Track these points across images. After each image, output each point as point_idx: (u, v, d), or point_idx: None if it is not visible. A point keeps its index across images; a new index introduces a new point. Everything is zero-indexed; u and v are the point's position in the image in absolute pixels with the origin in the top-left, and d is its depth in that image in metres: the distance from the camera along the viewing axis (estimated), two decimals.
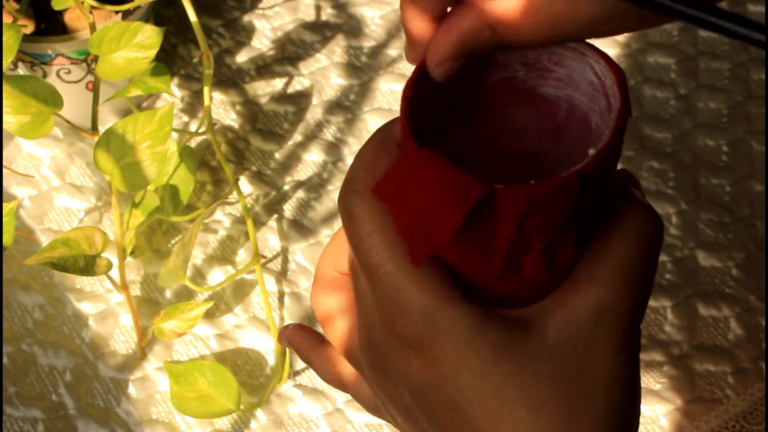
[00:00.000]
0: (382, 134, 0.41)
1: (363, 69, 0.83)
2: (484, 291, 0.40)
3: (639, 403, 0.40)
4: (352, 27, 0.85)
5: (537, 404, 0.38)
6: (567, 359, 0.38)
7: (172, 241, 0.74)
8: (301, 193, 0.77)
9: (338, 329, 0.44)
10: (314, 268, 0.69)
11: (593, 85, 0.40)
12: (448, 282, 0.39)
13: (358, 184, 0.40)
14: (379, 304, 0.39)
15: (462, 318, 0.38)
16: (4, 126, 0.61)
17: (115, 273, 0.68)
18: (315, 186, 0.77)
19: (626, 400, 0.39)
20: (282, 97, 0.81)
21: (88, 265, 0.61)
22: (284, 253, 0.74)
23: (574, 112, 0.42)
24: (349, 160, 0.78)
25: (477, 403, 0.38)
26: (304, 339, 0.49)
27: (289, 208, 0.76)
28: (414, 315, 0.38)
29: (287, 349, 0.68)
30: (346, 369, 0.47)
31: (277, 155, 0.78)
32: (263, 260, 0.73)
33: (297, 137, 0.79)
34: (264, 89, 0.82)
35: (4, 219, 0.59)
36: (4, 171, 0.76)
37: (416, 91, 0.39)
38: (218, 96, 0.81)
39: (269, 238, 0.74)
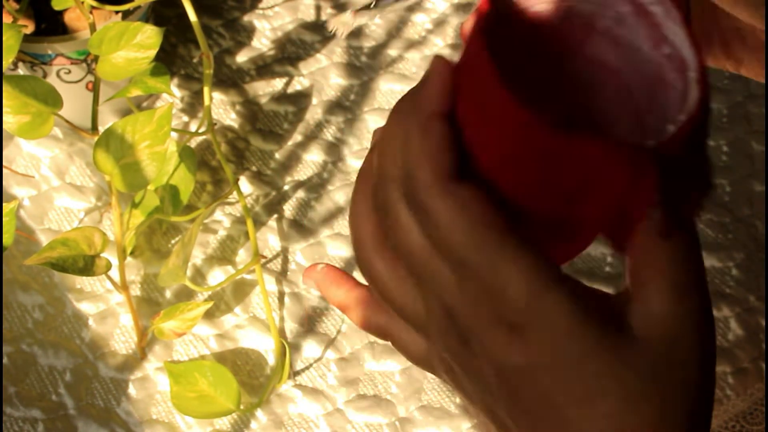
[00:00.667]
0: (416, 120, 0.40)
1: (363, 69, 0.83)
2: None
3: (712, 409, 0.41)
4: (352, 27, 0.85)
5: (631, 398, 0.38)
6: (654, 352, 0.38)
7: (172, 241, 0.74)
8: (301, 193, 0.77)
9: (409, 310, 0.42)
10: None
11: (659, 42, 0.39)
12: (548, 264, 0.38)
13: (423, 183, 0.39)
14: (469, 287, 0.39)
15: (565, 304, 0.38)
16: (4, 126, 0.61)
17: (115, 273, 0.68)
18: (315, 186, 0.77)
19: (706, 405, 0.40)
20: (282, 97, 0.81)
21: (87, 265, 0.61)
22: (284, 253, 0.74)
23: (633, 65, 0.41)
24: (349, 160, 0.78)
25: (569, 391, 0.38)
26: (336, 281, 0.46)
27: (289, 208, 0.76)
28: (516, 296, 0.38)
29: (287, 350, 0.68)
30: (394, 317, 0.45)
31: (277, 155, 0.78)
32: (263, 260, 0.73)
33: (297, 137, 0.79)
34: (264, 89, 0.82)
35: (4, 219, 0.59)
36: (4, 171, 0.76)
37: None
38: (218, 96, 0.81)
39: (269, 238, 0.74)
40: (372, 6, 0.56)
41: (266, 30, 0.85)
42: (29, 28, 0.72)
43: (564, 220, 0.39)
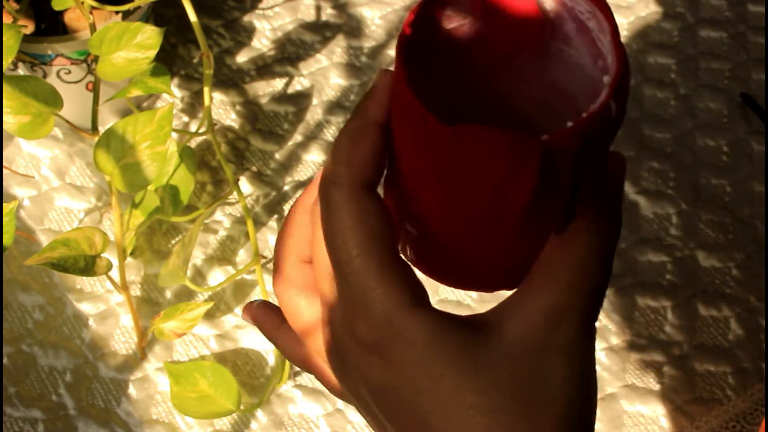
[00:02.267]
0: (354, 123, 0.41)
1: (363, 69, 0.83)
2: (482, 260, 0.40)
3: (595, 407, 0.40)
4: (352, 27, 0.85)
5: (492, 409, 0.38)
6: (523, 363, 0.38)
7: (173, 242, 0.74)
8: (301, 194, 0.77)
9: (305, 323, 0.44)
10: None
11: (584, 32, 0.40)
12: (412, 289, 0.39)
13: (337, 177, 0.40)
14: (343, 302, 0.40)
15: (420, 322, 0.39)
16: (4, 126, 0.61)
17: (115, 273, 0.68)
18: None
19: (581, 403, 0.39)
20: (282, 98, 0.81)
21: (88, 266, 0.61)
22: None
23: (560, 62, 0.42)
24: None
25: (434, 406, 0.38)
26: (269, 318, 0.48)
27: (288, 208, 0.76)
28: (374, 318, 0.39)
29: None
30: (311, 353, 0.46)
31: (277, 155, 0.78)
32: (263, 260, 0.73)
33: (297, 137, 0.79)
34: (264, 89, 0.82)
35: (4, 219, 0.59)
36: (4, 171, 0.76)
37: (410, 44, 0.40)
38: (218, 96, 0.81)
39: (269, 239, 0.74)
40: None
41: (266, 30, 0.85)
42: (29, 28, 0.72)
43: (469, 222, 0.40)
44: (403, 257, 0.41)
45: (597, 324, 0.71)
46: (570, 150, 0.36)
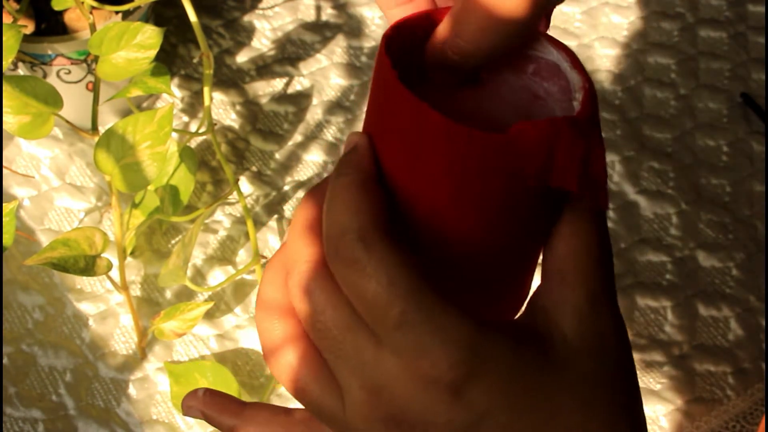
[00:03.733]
0: (346, 180, 0.40)
1: (363, 69, 0.83)
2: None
3: (636, 375, 0.42)
4: (352, 27, 0.85)
5: (583, 405, 0.38)
6: (587, 351, 0.39)
7: (173, 242, 0.74)
8: (301, 194, 0.77)
9: (288, 360, 0.40)
10: None
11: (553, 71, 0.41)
12: (472, 317, 0.38)
13: (358, 231, 0.38)
14: (402, 351, 0.37)
15: (503, 344, 0.38)
16: (4, 126, 0.61)
17: (115, 273, 0.68)
18: None
19: (634, 377, 0.41)
20: (282, 97, 0.81)
21: (88, 266, 0.61)
22: None
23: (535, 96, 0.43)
24: None
25: (530, 419, 0.38)
26: (223, 407, 0.44)
27: (289, 209, 0.76)
28: (458, 350, 0.37)
29: None
30: (293, 427, 0.44)
31: (277, 155, 0.78)
32: (263, 260, 0.73)
33: (297, 137, 0.79)
34: (264, 89, 0.82)
35: (4, 219, 0.59)
36: (4, 171, 0.76)
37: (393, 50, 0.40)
38: (218, 96, 0.81)
39: (269, 239, 0.74)
40: None
41: (266, 30, 0.85)
42: (29, 28, 0.72)
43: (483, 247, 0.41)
44: None
45: None
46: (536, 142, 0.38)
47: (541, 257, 0.42)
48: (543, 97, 0.43)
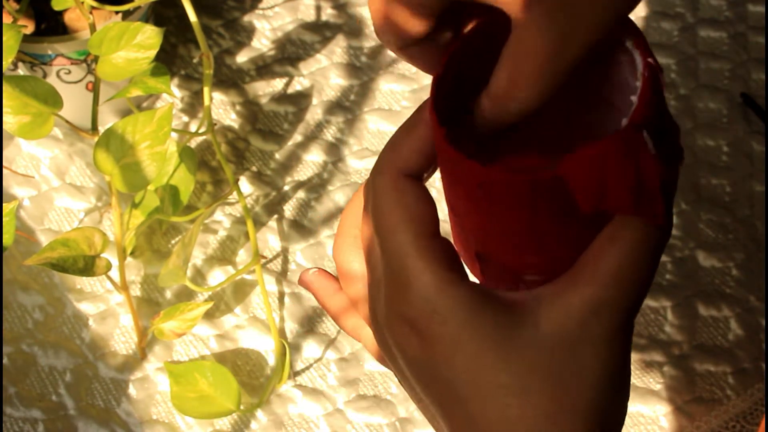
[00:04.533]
0: (410, 118, 0.43)
1: (363, 69, 0.83)
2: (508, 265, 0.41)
3: (626, 400, 0.41)
4: (352, 27, 0.85)
5: (526, 392, 0.39)
6: (558, 351, 0.39)
7: (173, 242, 0.74)
8: (301, 194, 0.77)
9: (358, 290, 0.45)
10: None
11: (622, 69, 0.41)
12: (452, 264, 0.40)
13: (382, 165, 0.42)
14: (386, 278, 0.41)
15: (459, 299, 0.39)
16: (4, 126, 0.61)
17: (115, 273, 0.68)
18: (315, 186, 0.77)
19: (613, 397, 0.40)
20: (282, 97, 0.81)
21: (87, 266, 0.61)
22: (284, 253, 0.74)
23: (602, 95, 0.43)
24: (350, 159, 0.78)
25: (468, 384, 0.39)
26: (323, 285, 0.49)
27: (289, 209, 0.76)
28: (411, 294, 0.40)
29: (287, 350, 0.68)
30: (360, 321, 0.48)
31: (277, 155, 0.78)
32: (263, 260, 0.73)
33: (297, 137, 0.79)
34: (264, 89, 0.82)
35: (4, 219, 0.59)
36: (4, 171, 0.76)
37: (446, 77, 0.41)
38: (218, 96, 0.81)
39: (269, 239, 0.74)
40: None
41: (266, 30, 0.85)
42: (29, 28, 0.72)
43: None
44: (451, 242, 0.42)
45: None
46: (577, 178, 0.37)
47: None
48: (606, 93, 0.42)
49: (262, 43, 0.84)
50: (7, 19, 0.71)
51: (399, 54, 0.43)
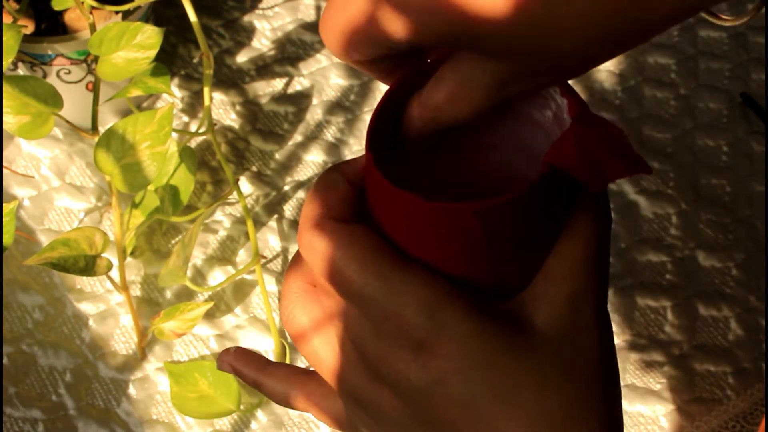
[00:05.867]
0: (324, 177, 0.42)
1: None
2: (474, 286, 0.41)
3: (619, 379, 0.43)
4: None
5: (544, 386, 0.39)
6: (559, 344, 0.40)
7: (173, 242, 0.74)
8: (301, 194, 0.77)
9: (316, 344, 0.44)
10: None
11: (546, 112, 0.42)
12: (438, 283, 0.40)
13: (315, 220, 0.41)
14: (370, 315, 0.40)
15: (462, 311, 0.39)
16: (4, 126, 0.61)
17: (115, 273, 0.68)
18: None
19: (611, 372, 0.41)
20: (282, 98, 0.81)
21: (88, 266, 0.61)
22: (284, 253, 0.74)
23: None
24: None
25: (485, 391, 0.39)
26: (249, 363, 0.48)
27: (289, 209, 0.76)
28: (413, 314, 0.39)
29: (287, 350, 0.68)
30: (307, 388, 0.47)
31: (277, 155, 0.78)
32: (263, 260, 0.73)
33: (297, 137, 0.79)
34: (264, 89, 0.82)
35: (4, 219, 0.59)
36: (4, 171, 0.76)
37: (381, 120, 0.41)
38: (218, 96, 0.81)
39: (269, 239, 0.74)
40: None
41: (266, 30, 0.85)
42: (29, 28, 0.72)
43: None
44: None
45: None
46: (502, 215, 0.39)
47: None
48: (538, 120, 0.43)
49: (262, 43, 0.84)
50: (7, 19, 0.71)
51: (367, 67, 0.42)
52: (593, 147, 0.38)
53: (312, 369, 0.47)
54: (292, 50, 0.84)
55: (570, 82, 0.41)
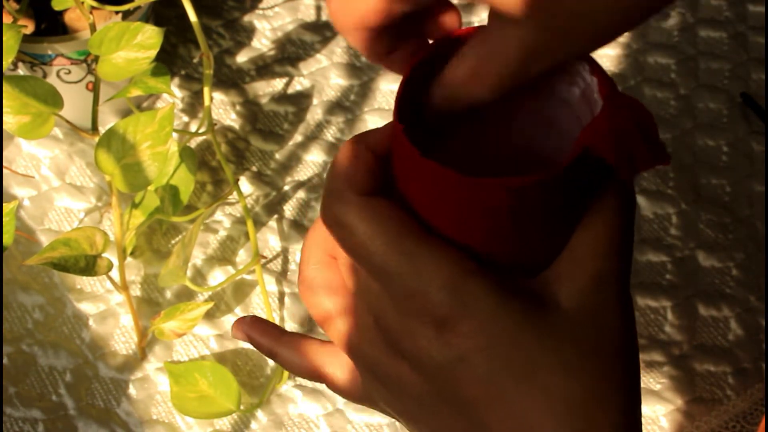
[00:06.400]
0: (347, 147, 0.42)
1: (363, 69, 0.83)
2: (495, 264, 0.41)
3: (639, 362, 0.43)
4: None
5: (566, 367, 0.39)
6: (582, 324, 0.40)
7: (173, 242, 0.74)
8: (301, 194, 0.77)
9: (341, 326, 0.44)
10: None
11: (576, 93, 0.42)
12: (461, 258, 0.40)
13: (339, 194, 0.41)
14: (393, 291, 0.40)
15: (485, 288, 0.39)
16: (4, 126, 0.61)
17: (115, 273, 0.68)
18: (315, 186, 0.77)
19: (634, 353, 0.41)
20: (282, 97, 0.81)
21: (88, 266, 0.61)
22: (284, 253, 0.74)
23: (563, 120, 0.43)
24: None
25: (508, 369, 0.39)
26: (264, 331, 0.48)
27: (289, 209, 0.76)
28: (437, 291, 0.39)
29: None
30: (321, 358, 0.47)
31: (277, 155, 0.78)
32: (263, 260, 0.73)
33: (297, 137, 0.79)
34: (264, 89, 0.82)
35: (4, 219, 0.59)
36: (4, 171, 0.76)
37: (411, 90, 0.41)
38: (218, 96, 0.81)
39: (269, 239, 0.74)
40: None
41: (266, 30, 0.85)
42: (29, 28, 0.72)
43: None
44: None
45: None
46: (528, 194, 0.38)
47: None
48: (568, 101, 0.42)
49: (262, 43, 0.84)
50: (7, 19, 0.71)
51: (357, 38, 0.41)
52: (627, 134, 0.38)
53: (328, 340, 0.47)
54: (292, 50, 0.84)
55: None
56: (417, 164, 0.39)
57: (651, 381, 0.70)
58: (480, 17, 0.86)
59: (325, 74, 0.83)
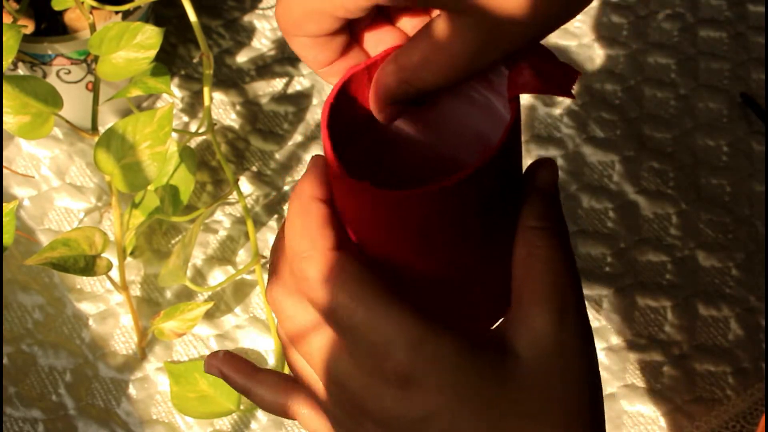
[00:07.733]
0: (296, 204, 0.42)
1: None
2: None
3: (602, 390, 0.43)
4: None
5: (532, 416, 0.39)
6: (545, 372, 0.40)
7: (173, 242, 0.74)
8: None
9: (315, 346, 0.42)
10: None
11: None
12: (424, 318, 0.40)
13: (301, 254, 0.41)
14: (355, 350, 0.40)
15: (449, 345, 0.39)
16: (4, 126, 0.61)
17: (115, 273, 0.68)
18: None
19: (596, 393, 0.41)
20: (282, 97, 0.81)
21: (88, 266, 0.61)
22: None
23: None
24: None
25: (476, 424, 0.39)
26: (238, 368, 0.47)
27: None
28: (401, 350, 0.39)
29: None
30: (294, 399, 0.46)
31: (277, 155, 0.78)
32: (263, 260, 0.73)
33: (297, 137, 0.79)
34: (264, 89, 0.82)
35: (4, 219, 0.59)
36: (4, 171, 0.76)
37: (336, 108, 0.41)
38: (218, 96, 0.81)
39: (269, 239, 0.74)
40: None
41: (266, 30, 0.85)
42: (29, 28, 0.72)
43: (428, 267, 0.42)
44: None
45: (597, 324, 0.71)
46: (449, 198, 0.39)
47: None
48: (482, 102, 0.43)
49: (262, 43, 0.84)
50: (7, 19, 0.71)
51: (297, 44, 0.41)
52: (543, 66, 0.39)
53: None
54: (292, 50, 0.84)
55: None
56: (344, 184, 0.40)
57: (651, 381, 0.70)
58: None
59: None
